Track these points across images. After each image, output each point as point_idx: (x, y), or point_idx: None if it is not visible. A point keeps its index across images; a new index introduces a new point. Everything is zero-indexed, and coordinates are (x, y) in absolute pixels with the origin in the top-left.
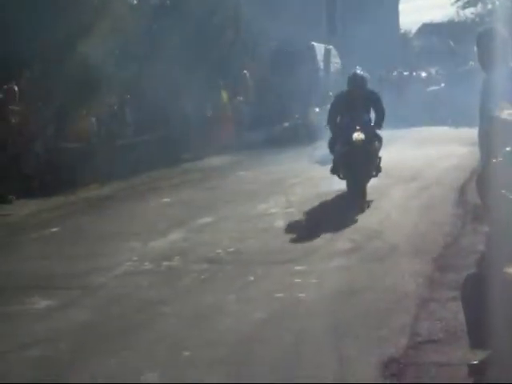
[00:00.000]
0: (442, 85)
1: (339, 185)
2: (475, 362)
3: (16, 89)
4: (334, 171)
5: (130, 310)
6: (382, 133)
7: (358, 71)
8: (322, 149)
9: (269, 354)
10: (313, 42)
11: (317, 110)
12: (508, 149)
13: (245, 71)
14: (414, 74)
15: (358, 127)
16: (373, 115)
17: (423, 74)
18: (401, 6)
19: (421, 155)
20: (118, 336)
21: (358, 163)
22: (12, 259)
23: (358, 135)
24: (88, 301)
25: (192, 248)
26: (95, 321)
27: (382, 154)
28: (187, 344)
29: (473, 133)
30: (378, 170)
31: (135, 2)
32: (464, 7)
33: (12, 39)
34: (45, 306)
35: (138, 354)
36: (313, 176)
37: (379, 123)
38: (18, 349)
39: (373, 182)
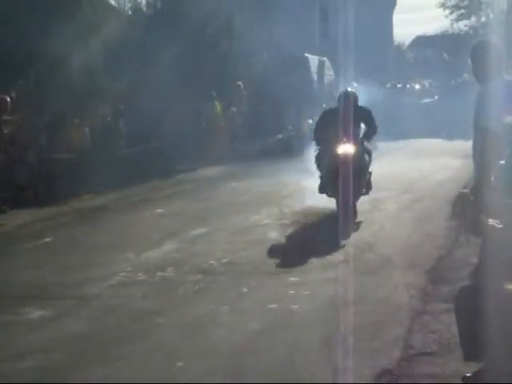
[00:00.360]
0: (436, 97)
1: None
2: (468, 374)
3: (8, 99)
4: (321, 190)
5: (124, 321)
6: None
7: (349, 89)
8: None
9: (262, 364)
10: (306, 54)
11: (310, 121)
12: (502, 162)
13: (239, 82)
14: (408, 86)
15: (345, 139)
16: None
17: (417, 87)
18: (394, 18)
19: (414, 167)
20: (112, 346)
21: (346, 179)
22: (6, 269)
23: (345, 148)
24: (82, 311)
25: (185, 259)
26: (89, 331)
27: (375, 166)
28: (181, 354)
29: (467, 145)
30: (369, 186)
31: (130, 12)
32: (458, 20)
33: (6, 49)
34: (39, 315)
35: (132, 364)
36: (306, 188)
37: (369, 136)
38: (13, 358)
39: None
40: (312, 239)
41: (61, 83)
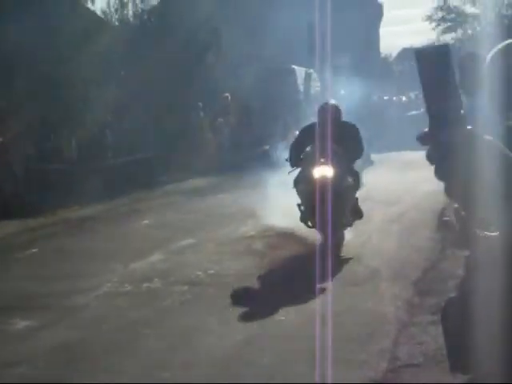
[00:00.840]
0: (422, 110)
1: None
2: None
3: None
4: (302, 219)
5: (111, 331)
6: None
7: (332, 101)
8: None
9: (249, 375)
10: (293, 66)
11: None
12: None
13: (226, 94)
14: (395, 98)
15: (322, 159)
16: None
17: (403, 99)
18: (381, 31)
19: (401, 180)
20: (98, 356)
21: (324, 206)
22: None
23: (322, 170)
24: (69, 321)
25: (172, 270)
26: (76, 341)
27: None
28: (167, 365)
29: None
30: (357, 214)
31: (116, 24)
32: (444, 32)
33: None
34: (26, 326)
35: (118, 374)
36: (291, 199)
37: (354, 157)
38: (0, 368)
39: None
40: (299, 250)
41: (48, 94)
